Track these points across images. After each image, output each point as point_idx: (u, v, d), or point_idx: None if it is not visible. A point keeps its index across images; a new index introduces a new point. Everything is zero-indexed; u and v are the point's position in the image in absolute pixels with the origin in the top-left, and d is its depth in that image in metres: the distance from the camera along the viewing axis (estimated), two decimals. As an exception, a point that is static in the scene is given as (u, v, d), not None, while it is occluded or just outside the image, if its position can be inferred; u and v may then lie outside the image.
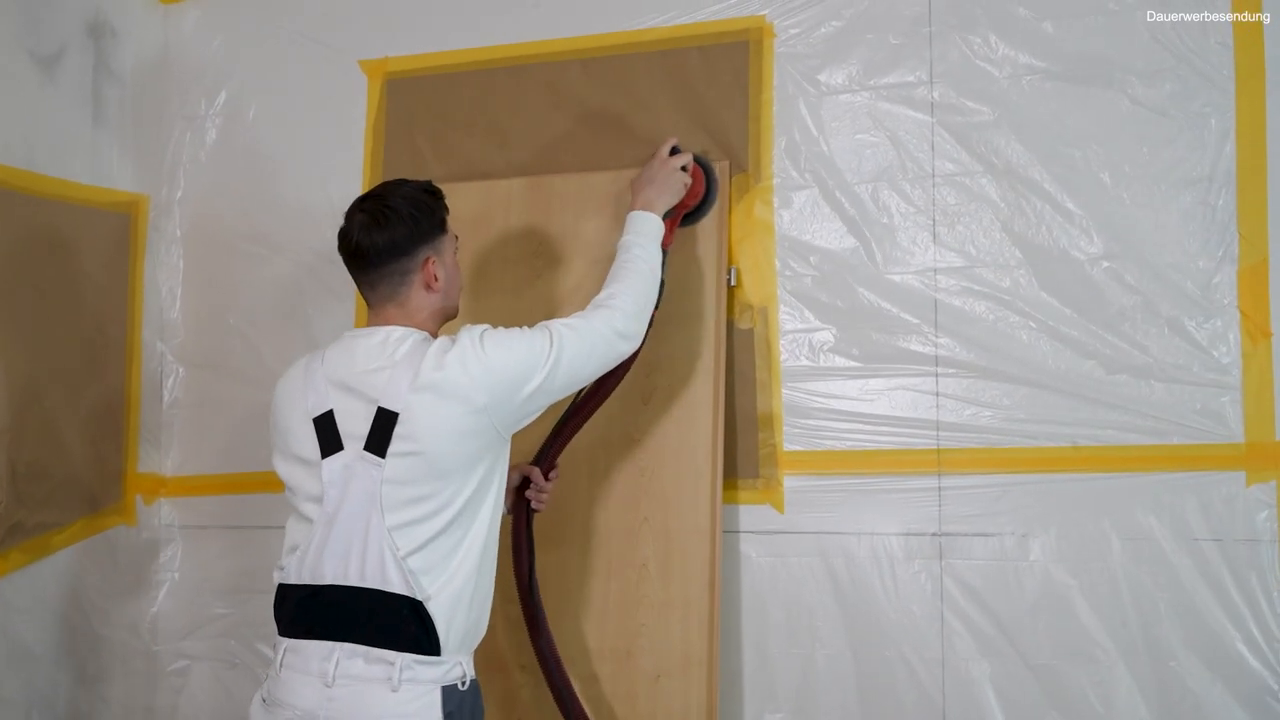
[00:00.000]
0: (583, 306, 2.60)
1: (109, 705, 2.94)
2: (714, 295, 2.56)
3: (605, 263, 2.60)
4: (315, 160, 2.99)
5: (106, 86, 2.97)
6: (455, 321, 2.25)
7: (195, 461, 3.10)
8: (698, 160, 2.55)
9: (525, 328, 2.13)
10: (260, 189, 3.06)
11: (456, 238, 2.26)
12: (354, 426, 2.03)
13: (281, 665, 2.05)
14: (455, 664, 2.02)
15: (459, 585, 2.02)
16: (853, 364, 2.55)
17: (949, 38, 2.52)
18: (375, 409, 2.01)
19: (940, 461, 2.48)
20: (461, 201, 2.75)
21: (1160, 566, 2.35)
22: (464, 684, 2.02)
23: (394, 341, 2.07)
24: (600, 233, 2.64)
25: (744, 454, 2.58)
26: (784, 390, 2.58)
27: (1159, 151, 2.39)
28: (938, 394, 2.49)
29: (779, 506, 2.57)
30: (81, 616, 2.88)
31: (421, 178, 2.78)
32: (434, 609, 1.98)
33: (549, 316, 2.60)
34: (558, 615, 2.54)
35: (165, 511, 3.10)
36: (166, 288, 3.13)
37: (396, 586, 1.98)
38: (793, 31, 2.63)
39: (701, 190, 2.56)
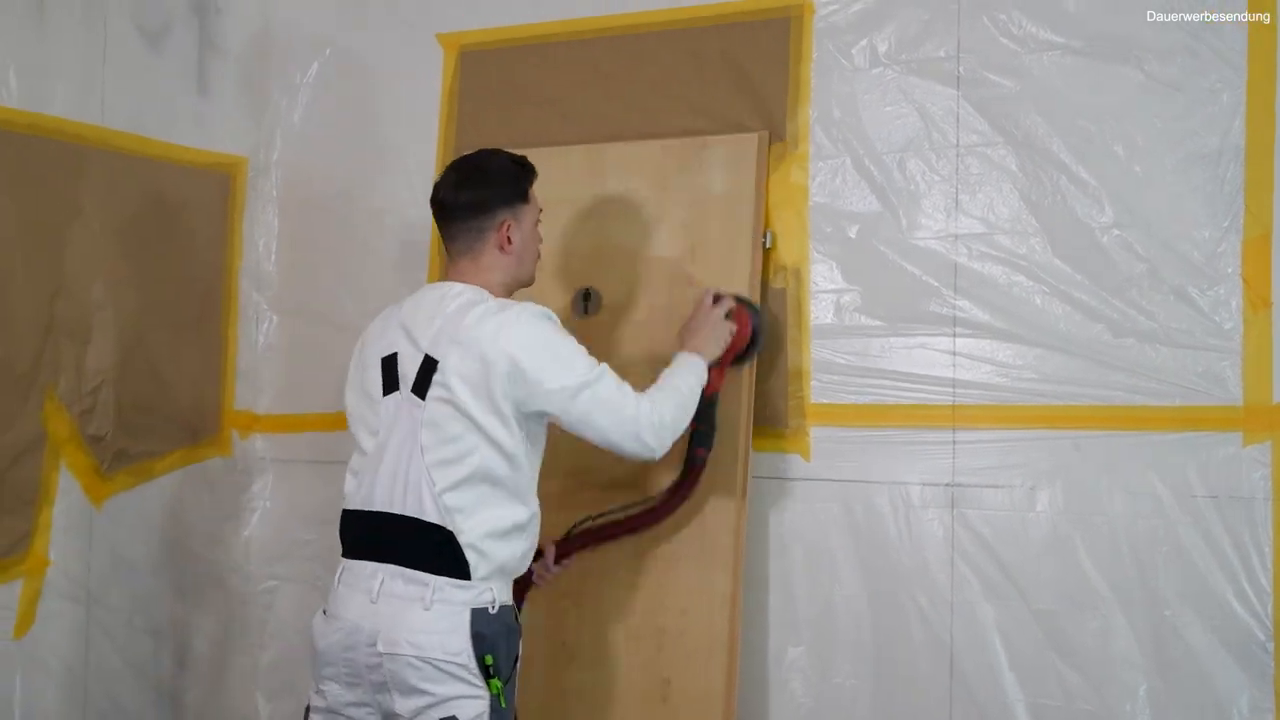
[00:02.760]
0: (627, 267, 2.79)
1: (203, 616, 3.24)
2: (751, 257, 2.71)
3: (654, 226, 2.79)
4: (396, 126, 3.22)
5: (210, 58, 3.25)
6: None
7: (285, 401, 3.36)
8: (741, 302, 2.59)
9: (585, 350, 2.23)
10: (347, 153, 3.30)
11: (541, 210, 2.40)
12: (408, 369, 2.22)
13: (339, 583, 2.25)
14: (486, 589, 2.16)
15: (488, 529, 2.16)
16: (877, 323, 2.69)
17: (977, 15, 2.63)
18: (423, 355, 2.20)
19: (955, 417, 2.62)
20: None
21: (1159, 521, 2.45)
22: (494, 608, 2.16)
23: (452, 296, 2.25)
24: (648, 197, 2.81)
25: (774, 405, 2.74)
26: (813, 346, 2.73)
27: (1171, 125, 2.48)
28: (954, 353, 2.62)
29: (806, 455, 2.73)
30: (182, 535, 3.17)
31: (488, 146, 3.01)
32: (464, 542, 2.14)
33: (599, 276, 2.80)
34: (594, 555, 2.71)
35: (259, 445, 3.36)
36: (263, 242, 3.39)
37: (432, 517, 2.15)
38: (831, 8, 2.76)
39: (748, 332, 2.58)
